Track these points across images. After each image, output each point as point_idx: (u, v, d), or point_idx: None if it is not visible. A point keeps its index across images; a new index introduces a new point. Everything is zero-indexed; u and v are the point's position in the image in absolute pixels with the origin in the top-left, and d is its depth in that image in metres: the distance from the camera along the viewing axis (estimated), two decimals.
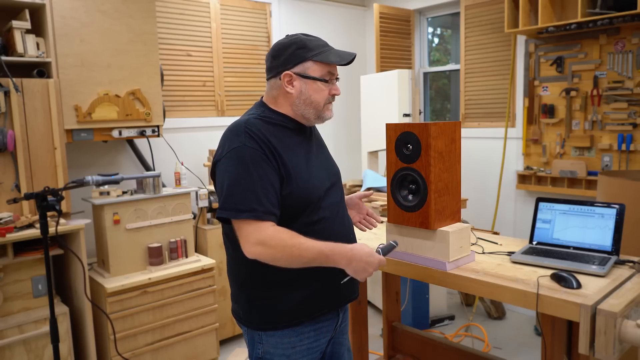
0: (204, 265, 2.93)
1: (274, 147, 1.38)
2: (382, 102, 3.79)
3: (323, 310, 1.49)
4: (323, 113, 1.48)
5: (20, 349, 2.40)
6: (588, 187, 3.31)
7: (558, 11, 3.32)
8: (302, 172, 1.42)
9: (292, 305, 1.44)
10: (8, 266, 2.42)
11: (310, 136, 1.56)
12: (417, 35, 4.44)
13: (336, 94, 1.49)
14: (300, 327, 1.47)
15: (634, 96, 3.09)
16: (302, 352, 1.49)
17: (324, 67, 1.45)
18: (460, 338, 3.44)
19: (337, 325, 1.59)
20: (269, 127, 1.43)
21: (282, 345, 1.46)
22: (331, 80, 1.48)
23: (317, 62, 1.44)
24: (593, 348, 1.42)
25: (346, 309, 1.66)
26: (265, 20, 3.97)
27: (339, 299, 1.54)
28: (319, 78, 1.44)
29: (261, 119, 1.44)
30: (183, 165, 3.25)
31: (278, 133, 1.43)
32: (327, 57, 1.44)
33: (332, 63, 1.44)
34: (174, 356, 2.85)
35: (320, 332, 1.52)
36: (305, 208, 1.42)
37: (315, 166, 1.49)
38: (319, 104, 1.46)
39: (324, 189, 1.49)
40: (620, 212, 1.81)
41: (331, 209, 1.50)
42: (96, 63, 2.73)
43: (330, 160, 1.63)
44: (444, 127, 1.77)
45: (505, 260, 1.86)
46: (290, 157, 1.41)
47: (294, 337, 1.46)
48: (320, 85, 1.45)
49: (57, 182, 2.54)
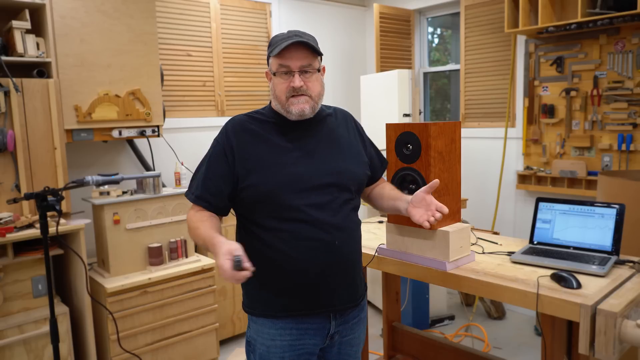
0: (204, 265, 2.93)
1: (234, 145, 1.47)
2: (382, 102, 3.79)
3: (300, 310, 1.47)
4: (288, 107, 1.45)
5: (20, 349, 2.40)
6: (588, 187, 3.31)
7: (558, 11, 3.32)
8: (266, 168, 1.44)
9: (267, 296, 1.49)
10: (8, 266, 2.42)
11: (309, 131, 1.51)
12: (417, 35, 4.44)
13: (293, 86, 1.42)
14: (280, 322, 1.48)
15: (634, 96, 3.09)
16: (284, 347, 1.49)
17: (276, 60, 1.44)
18: (460, 338, 3.44)
19: (331, 334, 1.52)
20: (252, 122, 1.51)
21: (262, 335, 1.50)
22: (290, 73, 1.43)
23: (272, 57, 1.45)
24: (593, 348, 1.42)
25: (353, 322, 1.57)
26: (265, 20, 3.97)
27: (321, 303, 1.48)
28: (274, 72, 1.46)
29: (248, 116, 1.53)
30: (183, 165, 3.25)
31: (257, 129, 1.49)
32: (274, 50, 1.43)
33: (275, 56, 1.43)
34: (174, 356, 2.85)
35: (305, 332, 1.49)
36: (265, 202, 1.43)
37: (296, 162, 1.45)
38: (281, 97, 1.46)
39: (301, 187, 1.43)
40: (620, 212, 1.81)
41: (309, 211, 1.43)
42: (96, 63, 2.73)
43: (338, 159, 1.52)
44: (444, 127, 1.77)
45: (505, 260, 1.86)
46: (256, 152, 1.46)
47: (273, 330, 1.49)
48: (276, 79, 1.46)
49: (57, 182, 2.54)
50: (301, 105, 1.45)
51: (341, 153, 1.54)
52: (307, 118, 1.49)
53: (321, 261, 1.45)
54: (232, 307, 3.36)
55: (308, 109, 1.46)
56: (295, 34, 1.44)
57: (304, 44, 1.42)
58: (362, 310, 1.62)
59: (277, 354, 1.49)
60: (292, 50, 1.42)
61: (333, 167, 1.49)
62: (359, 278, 1.58)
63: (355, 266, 1.56)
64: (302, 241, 1.43)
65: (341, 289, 1.51)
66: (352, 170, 1.54)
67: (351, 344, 1.60)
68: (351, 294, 1.54)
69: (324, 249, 1.45)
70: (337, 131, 1.57)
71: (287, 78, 1.44)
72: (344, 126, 1.60)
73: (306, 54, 1.44)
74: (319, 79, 1.50)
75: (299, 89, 1.44)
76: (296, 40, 1.41)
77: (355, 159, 1.57)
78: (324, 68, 1.52)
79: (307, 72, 1.45)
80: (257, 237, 1.47)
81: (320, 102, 1.53)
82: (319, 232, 1.44)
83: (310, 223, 1.43)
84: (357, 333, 1.61)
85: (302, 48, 1.43)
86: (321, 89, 1.51)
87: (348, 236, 1.50)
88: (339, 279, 1.49)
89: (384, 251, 1.95)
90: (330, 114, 1.61)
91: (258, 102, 3.95)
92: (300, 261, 1.44)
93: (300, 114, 1.46)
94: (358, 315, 1.60)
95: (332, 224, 1.46)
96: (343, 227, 1.48)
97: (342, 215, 1.49)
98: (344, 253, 1.49)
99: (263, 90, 4.00)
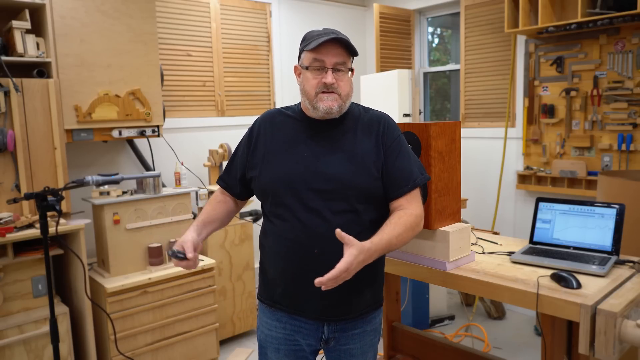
0: (204, 265, 2.93)
1: (256, 136, 1.54)
2: (382, 102, 3.79)
3: (284, 305, 1.49)
4: (316, 103, 1.42)
5: (20, 349, 2.40)
6: (588, 187, 3.31)
7: (558, 11, 3.32)
8: (270, 163, 1.47)
9: (264, 283, 1.55)
10: (8, 266, 2.41)
11: (326, 133, 1.46)
12: (417, 35, 4.44)
13: (325, 82, 1.40)
14: (276, 313, 1.51)
15: (634, 96, 3.09)
16: (279, 339, 1.52)
17: (310, 55, 1.42)
18: (460, 338, 3.44)
19: (325, 338, 1.49)
20: (280, 116, 1.55)
21: (263, 322, 1.56)
22: (323, 69, 1.41)
23: (307, 52, 1.43)
24: (593, 348, 1.42)
25: (354, 333, 1.50)
26: (265, 20, 3.97)
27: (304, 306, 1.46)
28: (306, 67, 1.44)
29: (279, 110, 1.58)
30: (183, 165, 3.25)
31: (281, 125, 1.52)
32: (310, 44, 1.41)
33: (311, 50, 1.41)
34: (174, 356, 2.85)
35: (298, 330, 1.49)
36: (263, 195, 1.51)
37: (300, 162, 1.43)
38: (310, 93, 1.43)
39: (296, 188, 1.41)
40: (620, 212, 1.81)
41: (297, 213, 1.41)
42: (96, 63, 2.73)
43: (344, 167, 1.43)
44: (444, 127, 1.77)
45: (505, 260, 1.86)
46: (272, 147, 1.49)
47: (270, 320, 1.53)
48: (307, 74, 1.44)
49: (57, 182, 2.54)
50: (330, 102, 1.41)
51: (351, 161, 1.43)
52: (333, 117, 1.46)
53: (298, 264, 1.42)
54: (232, 307, 3.36)
55: (336, 107, 1.42)
56: (332, 31, 1.42)
57: (341, 42, 1.41)
58: (368, 323, 1.54)
59: (273, 344, 1.53)
60: (329, 46, 1.40)
61: (335, 174, 1.42)
62: (359, 292, 1.47)
63: None
64: (285, 239, 1.44)
65: (324, 299, 1.41)
66: (356, 181, 1.42)
67: (352, 354, 1.53)
68: (340, 306, 1.45)
69: (302, 253, 1.41)
70: (355, 138, 1.47)
71: (319, 74, 1.42)
72: (366, 133, 1.48)
73: (341, 51, 1.42)
74: (350, 80, 1.47)
75: (330, 86, 1.41)
76: (334, 36, 1.39)
77: (366, 171, 1.44)
78: (353, 70, 1.48)
79: (340, 70, 1.43)
80: (264, 224, 1.56)
81: (347, 103, 1.47)
82: (301, 235, 1.40)
83: (295, 224, 1.41)
84: (361, 344, 1.53)
85: (338, 45, 1.42)
86: (350, 90, 1.47)
87: (334, 246, 1.30)
88: (315, 288, 1.26)
89: None
90: (360, 116, 1.52)
91: (258, 102, 3.95)
92: (281, 257, 1.47)
93: (328, 111, 1.42)
94: (361, 327, 1.52)
95: (318, 230, 1.39)
96: (329, 235, 1.30)
97: (333, 224, 1.35)
98: (325, 262, 1.29)
99: (263, 90, 4.00)
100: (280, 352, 1.53)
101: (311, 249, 1.40)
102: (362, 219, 1.43)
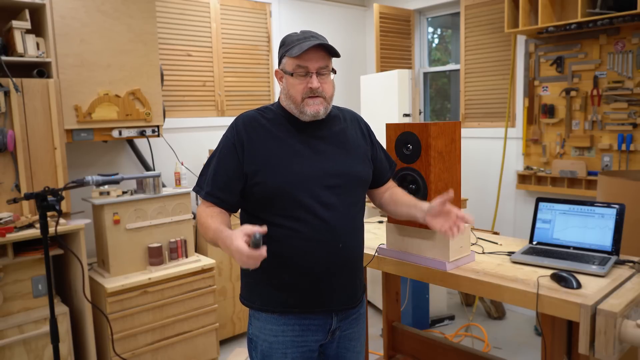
0: (204, 265, 2.93)
1: (245, 141, 1.47)
2: (382, 102, 3.79)
3: (298, 307, 1.48)
4: (302, 108, 1.45)
5: (20, 349, 2.40)
6: (588, 187, 3.31)
7: (558, 11, 3.32)
8: (276, 166, 1.44)
9: (267, 291, 1.50)
10: (8, 266, 2.41)
11: (319, 131, 1.51)
12: (417, 35, 4.44)
13: (311, 87, 1.43)
14: (283, 318, 1.49)
15: (634, 96, 3.09)
16: (286, 343, 1.50)
17: (293, 61, 1.44)
18: (460, 338, 3.44)
19: (332, 330, 1.54)
20: (262, 120, 1.51)
21: (265, 331, 1.51)
22: (307, 74, 1.43)
23: (289, 57, 1.44)
24: (593, 348, 1.42)
25: (352, 318, 1.59)
26: (265, 20, 3.97)
27: (322, 301, 1.49)
28: (290, 72, 1.45)
29: (259, 112, 1.53)
30: (183, 165, 3.25)
31: (268, 126, 1.49)
32: (292, 51, 1.42)
33: (293, 56, 1.42)
34: (174, 356, 2.85)
35: (307, 328, 1.50)
36: (274, 199, 1.44)
37: (306, 162, 1.46)
38: (296, 98, 1.45)
39: (311, 187, 1.44)
40: (620, 212, 1.81)
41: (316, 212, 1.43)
42: (96, 63, 2.73)
43: (346, 160, 1.52)
44: (444, 127, 1.77)
45: (505, 260, 1.86)
46: (266, 150, 1.46)
47: (275, 326, 1.50)
48: (292, 79, 1.45)
49: (57, 182, 2.54)
50: (316, 106, 1.45)
51: (349, 155, 1.53)
52: (320, 119, 1.50)
53: (325, 261, 1.46)
54: (232, 307, 3.36)
55: (322, 110, 1.47)
56: (312, 35, 1.45)
57: (323, 47, 1.43)
58: (362, 306, 1.64)
59: (279, 350, 1.50)
60: (311, 52, 1.42)
61: (341, 169, 1.49)
62: (359, 280, 1.59)
63: (357, 268, 1.56)
64: (308, 240, 1.44)
65: (342, 290, 1.51)
66: (359, 172, 1.54)
67: (350, 338, 1.61)
68: (351, 295, 1.55)
69: (328, 249, 1.45)
70: (346, 132, 1.57)
71: (304, 79, 1.44)
72: (352, 127, 1.60)
73: (324, 55, 1.45)
74: (332, 81, 1.50)
75: (316, 90, 1.44)
76: (317, 42, 1.41)
77: (362, 161, 1.57)
78: (335, 70, 1.51)
79: (323, 73, 1.46)
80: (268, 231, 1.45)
81: (332, 103, 1.53)
82: (325, 232, 1.44)
83: (317, 223, 1.44)
84: (356, 327, 1.62)
85: (320, 50, 1.44)
86: (333, 90, 1.51)
87: (353, 238, 1.51)
88: (341, 280, 1.50)
89: (384, 251, 1.95)
90: (339, 114, 1.60)
91: (258, 102, 3.95)
92: (305, 260, 1.45)
93: (315, 115, 1.46)
94: (358, 311, 1.61)
95: (338, 225, 1.46)
96: (349, 228, 1.49)
97: (349, 217, 1.49)
98: (347, 255, 1.49)
99: (263, 90, 4.00)
100: (288, 357, 1.51)
101: (336, 244, 1.46)
102: (361, 207, 1.58)
